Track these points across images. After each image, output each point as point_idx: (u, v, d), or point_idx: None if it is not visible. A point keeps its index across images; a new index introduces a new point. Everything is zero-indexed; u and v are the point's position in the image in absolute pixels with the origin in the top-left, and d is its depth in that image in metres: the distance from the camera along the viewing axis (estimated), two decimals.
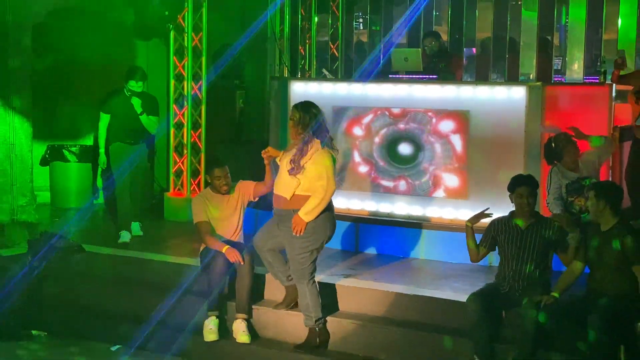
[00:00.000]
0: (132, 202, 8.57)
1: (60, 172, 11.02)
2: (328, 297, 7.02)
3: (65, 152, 11.00)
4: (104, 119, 8.60)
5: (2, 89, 9.87)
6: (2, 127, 9.90)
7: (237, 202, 7.27)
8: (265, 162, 6.83)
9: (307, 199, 6.38)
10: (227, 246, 6.97)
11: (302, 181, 6.38)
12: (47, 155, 11.10)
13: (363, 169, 8.59)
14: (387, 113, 8.42)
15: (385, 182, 8.49)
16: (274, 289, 7.17)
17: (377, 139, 8.48)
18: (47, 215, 10.45)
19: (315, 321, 6.59)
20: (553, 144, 7.38)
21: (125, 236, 8.46)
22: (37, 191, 10.56)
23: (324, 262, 7.69)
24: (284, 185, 6.47)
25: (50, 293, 7.94)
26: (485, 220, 6.58)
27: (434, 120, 8.18)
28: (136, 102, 8.38)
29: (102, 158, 8.59)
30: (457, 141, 8.08)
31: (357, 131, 8.59)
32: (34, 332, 7.49)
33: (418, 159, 8.29)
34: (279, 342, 6.82)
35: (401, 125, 8.35)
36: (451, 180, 8.15)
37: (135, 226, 8.66)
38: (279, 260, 6.83)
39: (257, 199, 7.36)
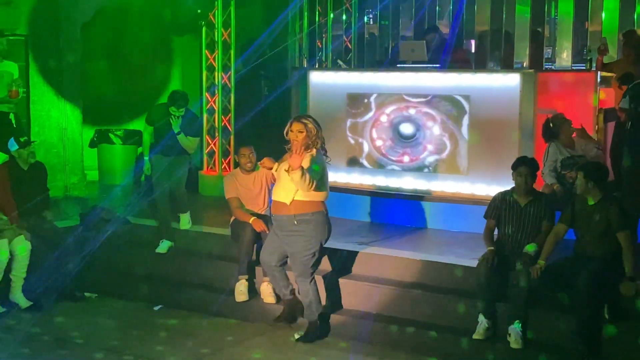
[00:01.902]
0: (178, 200, 7.99)
1: (107, 153, 11.06)
2: (344, 262, 7.02)
3: (111, 136, 11.03)
4: (147, 130, 8.13)
5: (56, 79, 9.91)
6: (56, 113, 9.95)
7: (262, 180, 7.25)
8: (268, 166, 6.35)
9: (307, 204, 6.04)
10: (254, 217, 6.98)
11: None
12: (95, 138, 11.13)
13: (374, 148, 8.55)
14: (396, 98, 8.36)
15: (394, 160, 8.44)
16: None
17: (386, 122, 8.44)
18: (96, 191, 10.50)
19: (318, 316, 6.32)
20: (551, 124, 7.34)
21: (163, 247, 7.80)
22: (87, 170, 10.61)
23: (342, 232, 7.69)
24: (283, 191, 6.09)
25: (100, 260, 7.95)
26: (489, 194, 6.54)
27: (437, 104, 8.12)
28: (175, 123, 7.71)
29: (147, 165, 8.01)
30: (458, 123, 8.03)
31: (367, 115, 8.55)
32: (87, 294, 7.51)
33: (423, 139, 8.24)
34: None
35: (408, 108, 8.29)
36: (452, 157, 8.10)
37: (185, 218, 8.07)
38: (284, 277, 6.41)
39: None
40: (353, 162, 8.68)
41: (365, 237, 7.48)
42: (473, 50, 11.08)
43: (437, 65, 8.96)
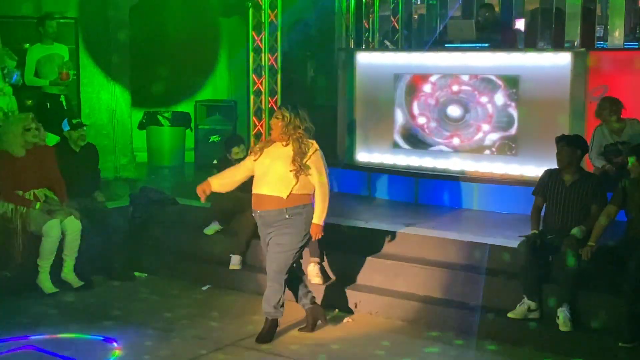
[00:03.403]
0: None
1: (156, 135, 11.19)
2: (390, 243, 7.02)
3: (160, 117, 11.15)
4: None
5: (105, 62, 10.04)
6: (105, 95, 10.09)
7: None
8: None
9: (301, 197, 5.77)
10: None
11: (300, 180, 5.76)
12: (144, 120, 11.26)
13: (421, 129, 8.51)
14: (444, 78, 8.30)
15: (441, 141, 8.40)
16: (344, 239, 7.19)
17: (434, 102, 8.39)
18: (145, 172, 10.64)
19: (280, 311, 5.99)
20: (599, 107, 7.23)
21: (210, 229, 7.70)
22: (136, 152, 10.75)
23: (387, 213, 7.72)
24: (277, 184, 5.75)
25: (149, 240, 8.09)
26: (538, 175, 6.48)
27: (486, 84, 8.04)
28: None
29: None
30: (507, 103, 7.94)
31: (415, 95, 8.50)
32: (136, 273, 7.62)
33: (471, 120, 8.18)
34: (345, 284, 6.86)
35: (456, 89, 8.23)
36: (501, 138, 8.03)
37: None
38: (301, 281, 6.19)
39: None
40: (399, 143, 8.65)
41: (412, 219, 7.46)
42: (523, 29, 10.93)
43: (486, 44, 8.87)
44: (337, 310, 6.65)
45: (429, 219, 7.49)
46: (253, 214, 5.96)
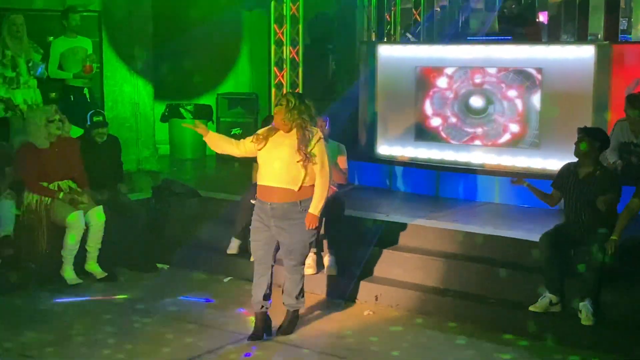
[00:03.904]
0: None
1: (178, 128, 11.23)
2: (411, 236, 7.02)
3: (182, 110, 11.19)
4: None
5: (128, 55, 10.09)
6: (128, 88, 10.15)
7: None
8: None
9: (310, 189, 5.67)
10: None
11: (308, 171, 5.62)
12: (166, 113, 11.31)
13: (441, 122, 8.49)
14: (465, 71, 8.27)
15: (462, 134, 8.38)
16: (365, 231, 7.20)
17: (455, 95, 8.36)
18: (167, 165, 10.70)
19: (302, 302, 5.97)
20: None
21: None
22: (159, 144, 10.80)
23: (408, 206, 7.70)
24: (286, 176, 5.60)
25: (171, 231, 8.14)
26: (557, 167, 6.44)
27: (509, 77, 8.00)
28: None
29: None
30: (530, 96, 7.90)
31: (437, 88, 8.48)
32: (158, 265, 7.68)
33: (494, 113, 8.15)
34: (366, 277, 6.86)
35: (478, 82, 8.20)
36: (524, 131, 7.99)
37: None
38: (270, 278, 5.93)
39: None
40: (420, 136, 8.63)
41: (433, 212, 7.46)
42: (546, 22, 10.85)
43: (509, 37, 8.82)
44: (357, 302, 6.67)
45: (450, 212, 7.47)
46: (258, 204, 5.76)
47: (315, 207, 5.66)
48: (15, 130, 8.19)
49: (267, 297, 5.85)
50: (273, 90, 10.06)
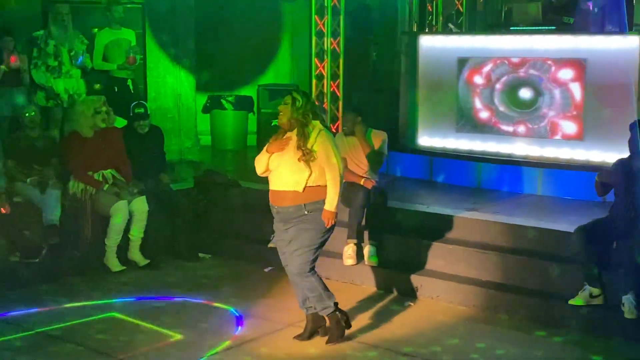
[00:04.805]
0: None
1: (219, 119, 11.34)
2: (454, 228, 7.01)
3: (223, 101, 11.29)
4: None
5: (170, 46, 10.19)
6: (171, 79, 10.25)
7: (359, 145, 7.24)
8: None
9: (318, 191, 5.36)
10: (364, 178, 7.06)
11: (313, 169, 5.34)
12: (208, 104, 11.41)
13: (484, 113, 8.45)
14: (507, 62, 8.21)
15: (505, 126, 8.32)
16: (406, 223, 7.19)
17: (498, 86, 8.31)
18: (209, 155, 10.80)
19: (334, 305, 5.54)
20: None
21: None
22: (200, 135, 10.89)
23: (449, 197, 7.68)
24: (291, 178, 5.37)
25: (212, 221, 8.22)
26: (605, 160, 6.35)
27: (552, 68, 7.93)
28: None
29: None
30: (574, 87, 7.82)
31: (479, 79, 8.43)
32: (200, 254, 7.77)
33: (537, 104, 8.08)
34: (407, 268, 6.88)
35: (521, 73, 8.14)
36: (568, 123, 7.92)
37: None
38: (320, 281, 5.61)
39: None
40: (463, 128, 8.60)
41: (474, 203, 7.43)
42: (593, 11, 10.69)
43: (553, 27, 8.72)
44: (397, 293, 6.68)
45: (492, 204, 7.44)
46: (271, 208, 5.59)
47: (330, 203, 5.36)
48: (54, 119, 8.35)
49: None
50: (314, 81, 10.07)
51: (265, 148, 5.52)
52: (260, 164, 5.53)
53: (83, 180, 7.19)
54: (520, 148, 8.19)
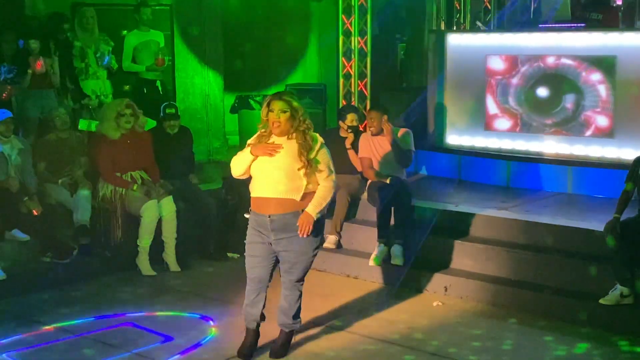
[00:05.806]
0: None
1: (247, 119, 11.34)
2: (482, 227, 6.97)
3: (251, 101, 11.31)
4: None
5: (198, 47, 10.27)
6: (199, 80, 10.33)
7: (387, 144, 7.23)
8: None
9: (311, 198, 5.13)
10: (391, 176, 7.06)
11: (310, 179, 5.11)
12: (236, 104, 11.44)
13: (514, 111, 8.39)
14: (536, 60, 8.15)
15: (534, 123, 8.26)
16: (435, 222, 7.18)
17: (527, 84, 8.24)
18: None
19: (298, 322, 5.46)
20: None
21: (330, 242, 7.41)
22: (228, 135, 10.96)
23: (478, 196, 7.65)
24: (286, 185, 5.08)
25: (241, 222, 8.21)
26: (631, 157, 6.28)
27: (582, 65, 7.85)
28: None
29: None
30: (604, 84, 7.74)
31: (508, 77, 8.37)
32: (229, 254, 7.80)
33: (566, 101, 8.01)
34: (435, 268, 6.85)
35: (550, 71, 8.07)
36: (598, 120, 7.84)
37: None
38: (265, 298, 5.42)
39: None
40: (491, 126, 8.55)
41: (503, 202, 7.38)
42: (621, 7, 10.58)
43: (582, 24, 8.65)
44: (426, 292, 6.67)
45: (521, 203, 7.39)
46: (254, 217, 5.23)
47: (314, 207, 5.07)
48: (82, 120, 8.44)
49: (263, 316, 5.39)
50: (341, 80, 10.08)
51: (248, 149, 5.20)
52: (241, 165, 5.21)
53: (112, 182, 7.26)
54: (549, 146, 8.13)
